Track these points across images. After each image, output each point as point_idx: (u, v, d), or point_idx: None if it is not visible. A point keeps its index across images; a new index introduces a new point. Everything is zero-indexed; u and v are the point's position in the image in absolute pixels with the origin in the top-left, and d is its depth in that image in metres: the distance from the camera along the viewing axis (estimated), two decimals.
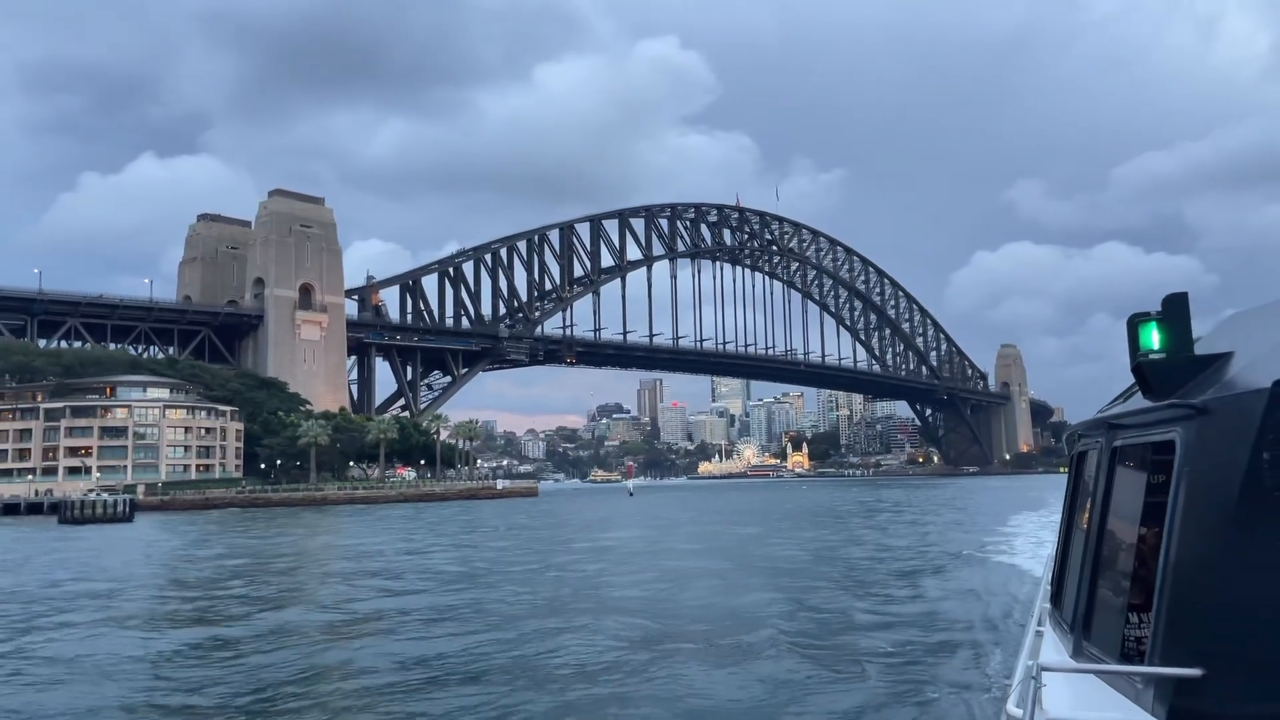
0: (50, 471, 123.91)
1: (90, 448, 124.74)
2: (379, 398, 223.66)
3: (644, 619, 21.82)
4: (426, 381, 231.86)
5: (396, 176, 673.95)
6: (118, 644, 20.85)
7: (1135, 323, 3.95)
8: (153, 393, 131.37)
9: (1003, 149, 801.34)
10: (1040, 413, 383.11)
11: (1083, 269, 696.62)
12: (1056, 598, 5.58)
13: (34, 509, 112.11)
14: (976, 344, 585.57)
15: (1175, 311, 3.89)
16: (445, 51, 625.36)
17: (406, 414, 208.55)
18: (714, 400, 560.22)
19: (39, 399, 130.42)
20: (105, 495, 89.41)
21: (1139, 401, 4.16)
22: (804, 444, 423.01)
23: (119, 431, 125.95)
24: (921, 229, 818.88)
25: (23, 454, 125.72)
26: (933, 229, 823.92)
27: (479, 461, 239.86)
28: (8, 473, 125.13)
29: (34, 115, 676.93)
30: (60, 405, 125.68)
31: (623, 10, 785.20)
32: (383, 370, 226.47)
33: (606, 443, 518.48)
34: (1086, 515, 4.89)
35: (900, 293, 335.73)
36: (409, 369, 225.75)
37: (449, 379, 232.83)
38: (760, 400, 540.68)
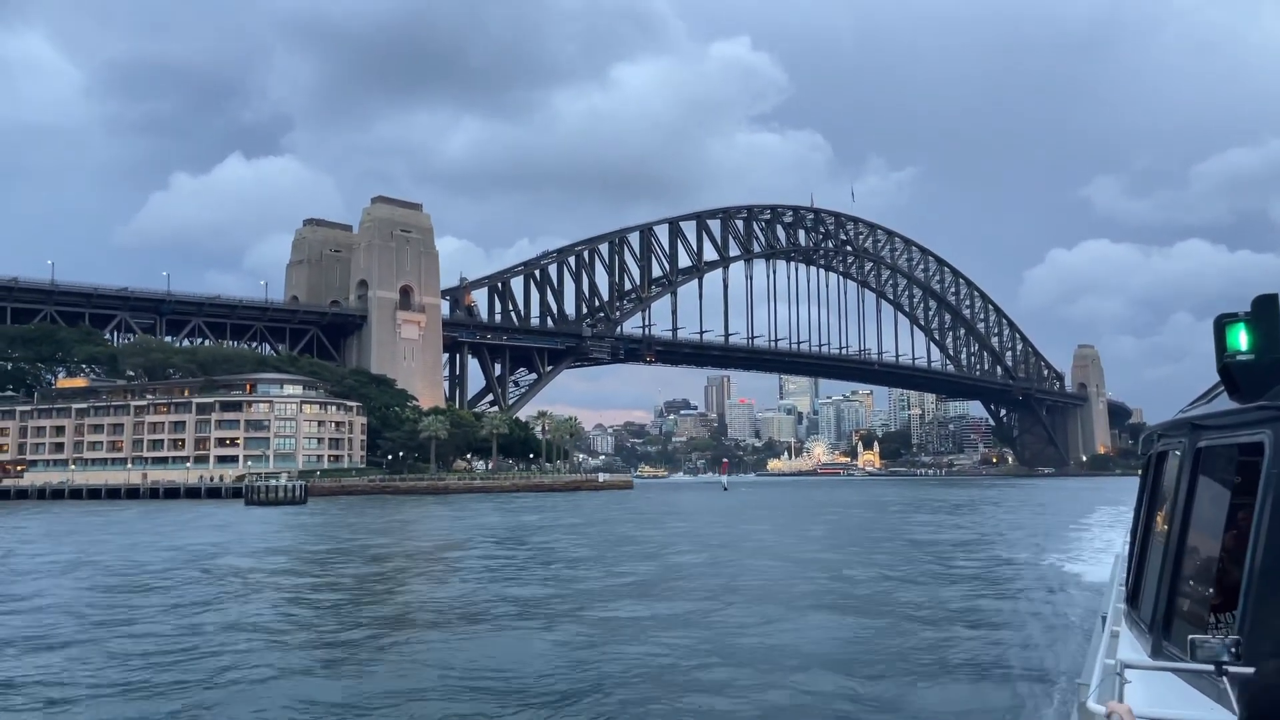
0: (202, 460, 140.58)
1: (237, 439, 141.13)
2: (469, 393, 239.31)
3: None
4: (513, 378, 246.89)
5: (471, 175, 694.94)
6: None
7: (1223, 323, 3.98)
8: (288, 389, 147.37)
9: (1079, 145, 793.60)
10: (1118, 414, 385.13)
11: (1162, 267, 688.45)
12: (1133, 598, 5.73)
13: (192, 493, 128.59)
14: (1051, 342, 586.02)
15: (1265, 312, 3.90)
16: (522, 52, 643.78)
17: (495, 409, 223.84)
18: (782, 397, 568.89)
19: (186, 394, 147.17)
20: (284, 480, 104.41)
21: (1224, 403, 4.27)
22: (875, 443, 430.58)
23: (261, 424, 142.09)
24: (994, 226, 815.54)
25: (176, 444, 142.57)
26: (1006, 226, 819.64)
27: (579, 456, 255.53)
28: (163, 460, 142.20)
29: (121, 115, 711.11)
30: (211, 400, 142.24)
31: (696, 11, 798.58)
32: (471, 366, 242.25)
33: (674, 439, 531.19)
34: (1167, 515, 4.97)
35: (975, 292, 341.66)
36: (498, 366, 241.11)
37: (534, 376, 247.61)
38: (829, 398, 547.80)
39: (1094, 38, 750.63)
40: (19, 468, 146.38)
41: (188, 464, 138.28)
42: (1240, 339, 3.91)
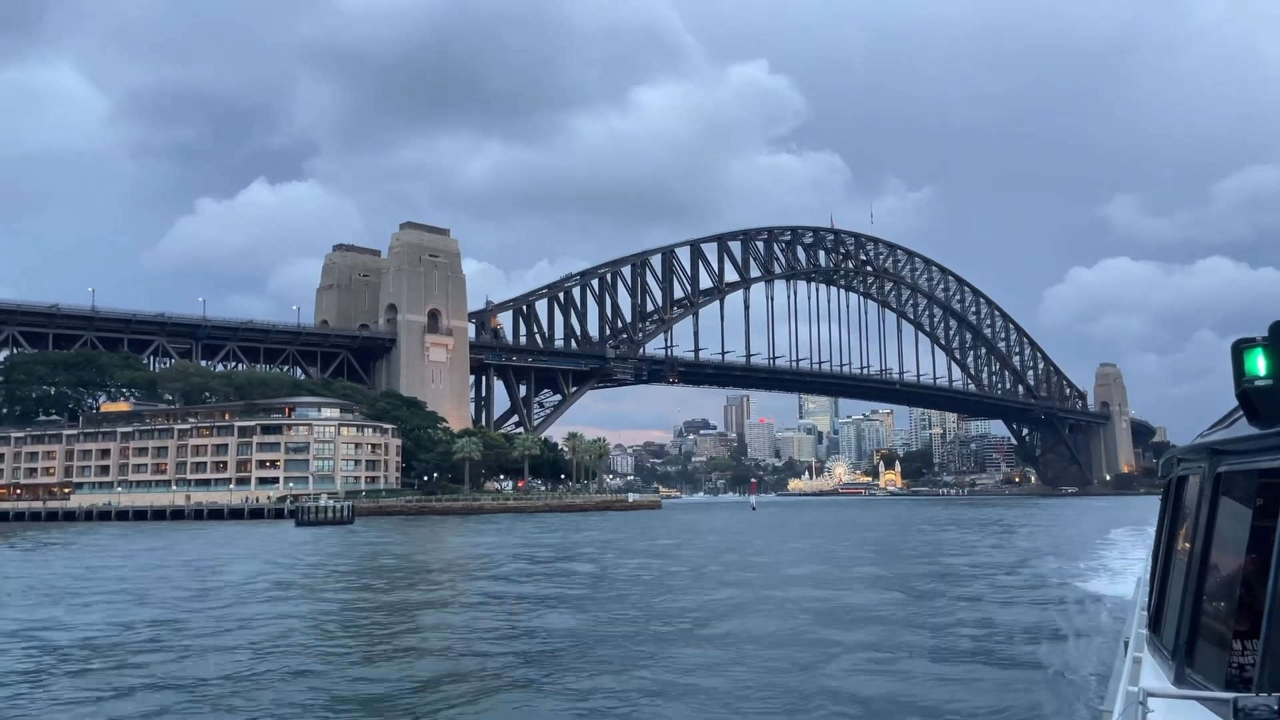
0: (243, 482, 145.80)
1: (278, 461, 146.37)
2: (494, 414, 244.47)
3: None
4: (538, 399, 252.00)
5: (491, 197, 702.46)
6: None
7: (1241, 348, 3.96)
8: (326, 412, 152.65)
9: (1098, 163, 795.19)
10: (1141, 432, 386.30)
11: (1184, 284, 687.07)
12: (1155, 623, 5.72)
13: (235, 514, 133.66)
14: (1073, 359, 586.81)
15: None
16: (542, 77, 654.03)
17: (520, 430, 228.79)
18: (801, 417, 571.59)
19: (227, 417, 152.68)
20: (325, 501, 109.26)
21: (1244, 428, 4.26)
22: (896, 462, 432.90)
23: (302, 447, 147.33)
24: (1013, 244, 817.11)
25: (219, 466, 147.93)
26: (1025, 244, 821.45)
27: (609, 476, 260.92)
28: (205, 482, 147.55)
29: (147, 142, 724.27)
30: (252, 424, 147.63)
31: (714, 35, 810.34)
32: (496, 387, 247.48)
33: (694, 458, 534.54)
34: (1188, 540, 4.97)
35: (996, 311, 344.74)
36: (522, 387, 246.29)
37: (559, 397, 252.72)
38: (849, 417, 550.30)
39: (1113, 54, 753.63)
40: (65, 490, 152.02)
41: (230, 486, 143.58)
42: (1259, 364, 3.94)
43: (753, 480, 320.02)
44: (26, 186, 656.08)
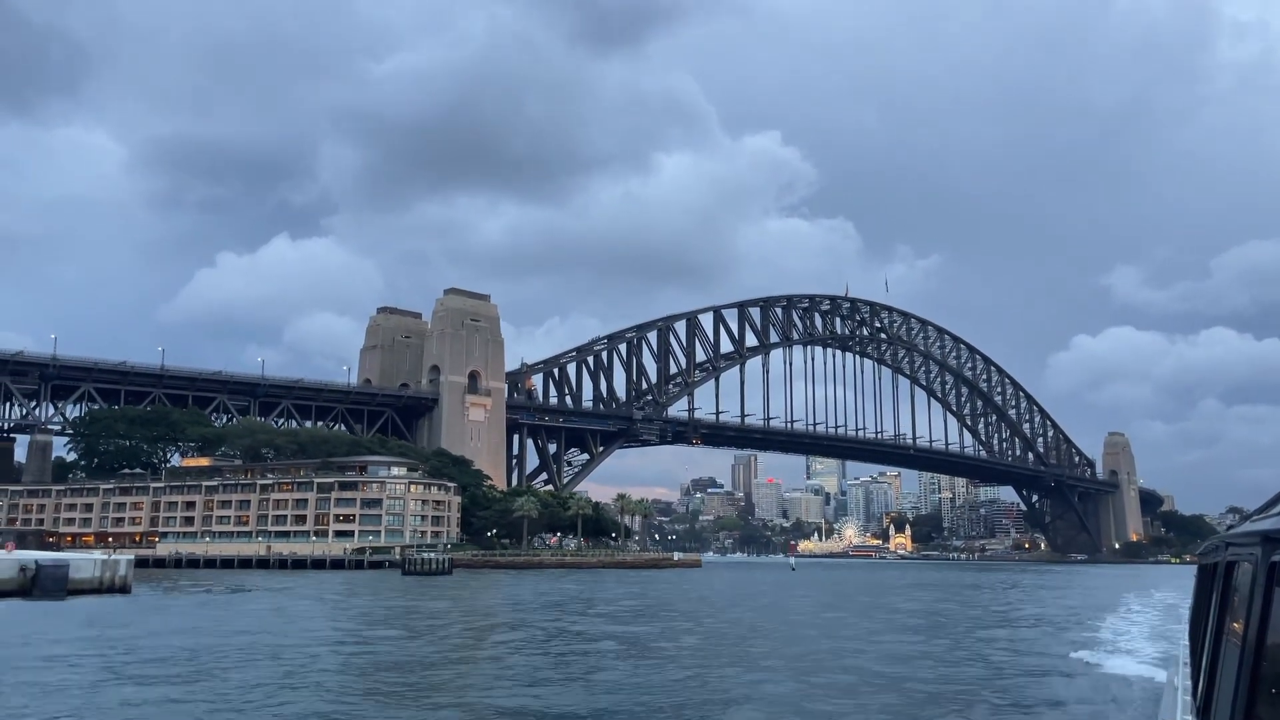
0: (320, 534, 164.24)
1: (353, 515, 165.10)
2: (525, 471, 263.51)
3: None
4: (567, 458, 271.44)
5: (506, 257, 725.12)
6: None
7: None
8: (395, 470, 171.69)
9: (1100, 233, 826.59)
10: (1149, 501, 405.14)
11: (1188, 354, 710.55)
12: (1204, 712, 5.82)
13: (317, 564, 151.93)
14: (1078, 426, 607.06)
15: None
16: (562, 142, 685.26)
17: (549, 487, 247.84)
18: (809, 477, 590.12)
19: (303, 473, 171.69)
20: (432, 554, 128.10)
21: None
22: (907, 525, 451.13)
23: (375, 502, 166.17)
24: (1019, 311, 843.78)
25: (299, 519, 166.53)
26: (1030, 311, 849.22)
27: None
28: (285, 534, 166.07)
29: (167, 193, 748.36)
30: (330, 480, 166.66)
31: (730, 105, 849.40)
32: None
33: (701, 517, 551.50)
34: (1241, 628, 5.02)
35: (1006, 379, 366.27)
36: (552, 445, 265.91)
37: (585, 456, 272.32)
38: (857, 479, 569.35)
39: (1120, 126, 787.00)
40: (151, 538, 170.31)
41: (310, 537, 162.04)
42: None
43: (792, 542, 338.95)
44: (50, 232, 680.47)
